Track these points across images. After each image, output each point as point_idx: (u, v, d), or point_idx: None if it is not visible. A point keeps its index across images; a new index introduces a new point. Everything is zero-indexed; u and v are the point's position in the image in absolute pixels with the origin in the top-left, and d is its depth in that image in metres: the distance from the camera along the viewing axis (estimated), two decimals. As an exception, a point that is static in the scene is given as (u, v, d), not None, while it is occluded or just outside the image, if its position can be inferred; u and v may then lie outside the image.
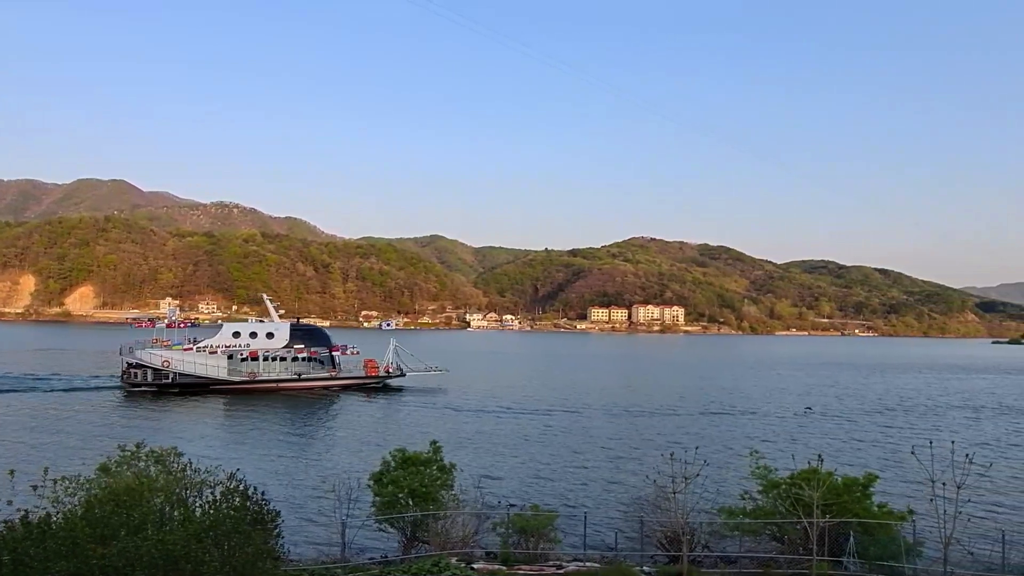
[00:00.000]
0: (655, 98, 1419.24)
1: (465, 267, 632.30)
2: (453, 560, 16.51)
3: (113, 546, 10.13)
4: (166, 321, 69.92)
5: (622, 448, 38.39)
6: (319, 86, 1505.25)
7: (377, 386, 67.18)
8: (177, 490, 13.53)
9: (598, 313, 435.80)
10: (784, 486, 18.00)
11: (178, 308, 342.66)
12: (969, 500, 15.43)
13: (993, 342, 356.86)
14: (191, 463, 14.83)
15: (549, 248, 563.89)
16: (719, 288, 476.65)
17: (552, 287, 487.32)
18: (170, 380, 59.82)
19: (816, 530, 15.76)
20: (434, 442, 19.99)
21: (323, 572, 16.63)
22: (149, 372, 59.88)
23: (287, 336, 65.23)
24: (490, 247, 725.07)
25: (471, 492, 20.24)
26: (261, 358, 63.89)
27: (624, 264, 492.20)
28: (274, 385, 63.30)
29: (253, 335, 64.45)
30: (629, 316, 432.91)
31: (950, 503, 14.89)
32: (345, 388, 65.26)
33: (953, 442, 16.18)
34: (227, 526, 11.37)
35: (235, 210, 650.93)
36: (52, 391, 59.05)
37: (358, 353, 69.47)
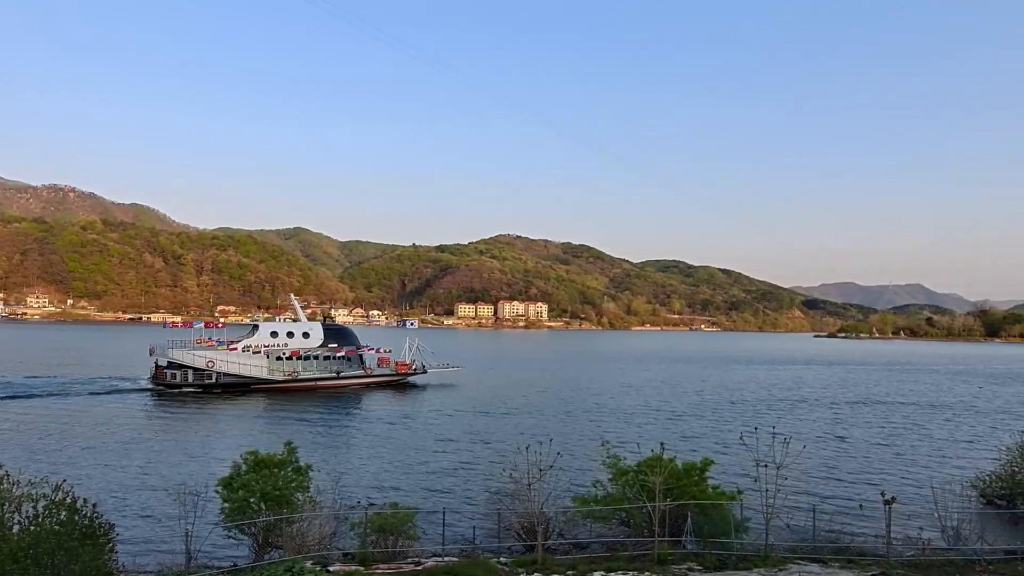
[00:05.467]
0: (521, 99, 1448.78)
1: (330, 261, 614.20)
2: (308, 563, 16.10)
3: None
4: (204, 321, 70.21)
5: (481, 444, 39.00)
6: (169, 65, 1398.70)
7: (403, 383, 69.56)
8: (-9, 506, 12.22)
9: (465, 309, 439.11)
10: (631, 474, 19.03)
11: (2, 302, 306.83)
12: (787, 479, 17.23)
13: (815, 336, 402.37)
14: (8, 475, 13.43)
15: (417, 243, 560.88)
16: (580, 285, 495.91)
17: (420, 283, 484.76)
18: (213, 380, 60.10)
19: (658, 513, 16.98)
20: (288, 443, 19.38)
21: (164, 585, 15.70)
22: (190, 372, 59.89)
23: (321, 335, 66.88)
24: (357, 241, 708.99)
25: (329, 493, 19.81)
26: (298, 357, 64.79)
27: (491, 261, 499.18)
28: (312, 384, 64.07)
29: (290, 335, 65.44)
30: (495, 312, 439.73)
31: (771, 482, 16.67)
32: (373, 386, 67.07)
33: (774, 427, 18.05)
34: (50, 543, 10.56)
35: (71, 194, 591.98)
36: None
37: (391, 351, 72.65)
